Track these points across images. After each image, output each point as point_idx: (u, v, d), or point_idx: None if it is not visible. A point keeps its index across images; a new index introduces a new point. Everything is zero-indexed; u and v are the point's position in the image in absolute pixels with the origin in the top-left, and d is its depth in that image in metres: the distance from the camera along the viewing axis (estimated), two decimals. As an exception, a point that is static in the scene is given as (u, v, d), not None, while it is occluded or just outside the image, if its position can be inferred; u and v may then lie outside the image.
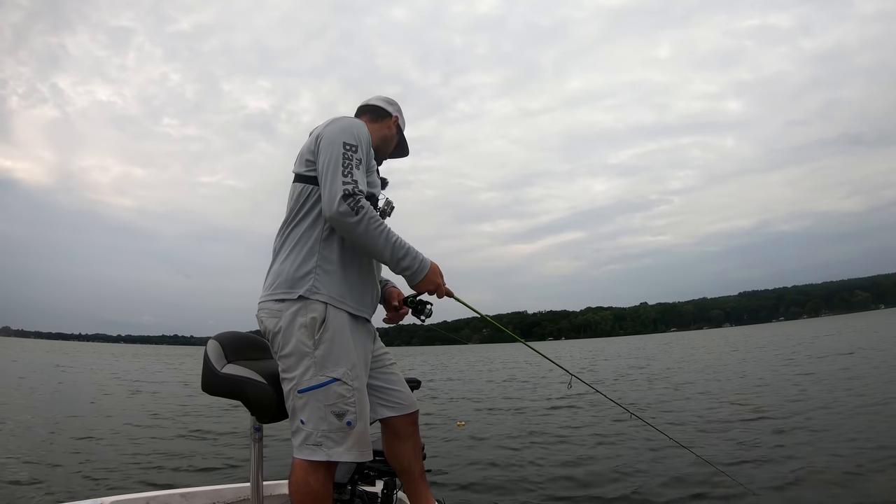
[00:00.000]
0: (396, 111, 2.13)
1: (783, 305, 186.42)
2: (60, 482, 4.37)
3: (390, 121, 2.11)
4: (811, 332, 35.83)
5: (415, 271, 1.76)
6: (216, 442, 6.26)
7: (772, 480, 3.97)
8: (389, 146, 2.14)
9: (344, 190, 1.63)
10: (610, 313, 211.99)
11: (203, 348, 1.88)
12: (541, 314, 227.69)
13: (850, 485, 3.76)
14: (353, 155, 1.71)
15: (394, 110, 2.12)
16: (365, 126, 1.87)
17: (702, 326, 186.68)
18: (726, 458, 4.59)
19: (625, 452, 5.16)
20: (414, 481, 1.95)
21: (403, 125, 2.18)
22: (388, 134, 2.10)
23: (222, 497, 2.35)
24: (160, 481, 4.39)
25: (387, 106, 2.12)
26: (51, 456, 5.30)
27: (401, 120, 2.15)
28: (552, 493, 4.12)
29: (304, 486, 1.66)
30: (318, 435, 1.66)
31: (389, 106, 2.12)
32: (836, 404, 6.91)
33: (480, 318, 2.19)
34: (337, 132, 1.76)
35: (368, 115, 2.10)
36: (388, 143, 2.12)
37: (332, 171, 1.68)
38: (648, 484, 4.12)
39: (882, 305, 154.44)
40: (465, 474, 4.65)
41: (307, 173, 1.80)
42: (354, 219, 1.63)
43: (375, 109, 2.11)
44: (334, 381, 1.68)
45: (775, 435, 5.44)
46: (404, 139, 2.20)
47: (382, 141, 2.09)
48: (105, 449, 5.73)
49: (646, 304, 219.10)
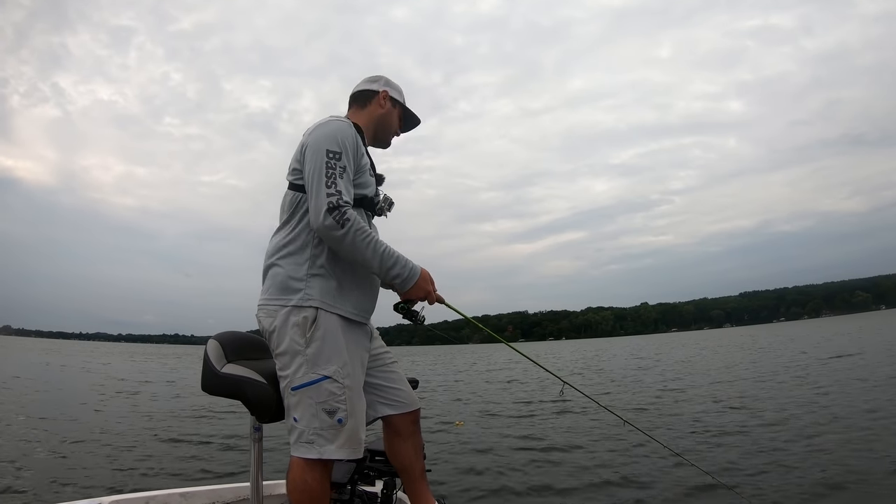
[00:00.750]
0: (383, 85, 2.03)
1: (784, 306, 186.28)
2: (60, 482, 4.38)
3: (378, 97, 2.01)
4: (820, 334, 35.04)
5: (405, 279, 1.76)
6: (215, 442, 6.26)
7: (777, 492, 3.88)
8: (390, 124, 2.05)
9: (328, 203, 1.63)
10: (611, 313, 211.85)
11: (203, 348, 1.88)
12: (541, 314, 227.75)
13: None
14: (336, 163, 1.70)
15: (379, 85, 2.02)
16: (350, 127, 1.81)
17: (702, 327, 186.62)
18: (724, 467, 4.57)
19: (620, 459, 5.10)
20: (414, 480, 1.95)
21: (401, 96, 2.07)
22: (381, 112, 2.01)
23: (222, 497, 2.35)
24: (160, 481, 4.39)
25: (370, 85, 2.03)
26: (50, 456, 5.30)
27: (393, 91, 2.03)
28: (553, 493, 4.12)
29: (302, 485, 1.67)
30: (310, 432, 1.67)
31: (373, 84, 2.03)
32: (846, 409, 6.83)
33: (478, 319, 2.18)
34: (321, 140, 1.74)
35: (356, 103, 2.03)
36: (386, 122, 2.03)
37: (317, 182, 1.67)
38: (648, 494, 4.09)
39: (883, 306, 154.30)
40: (464, 474, 4.65)
41: (296, 181, 1.79)
42: (340, 232, 1.64)
43: (360, 94, 2.02)
44: (325, 379, 1.68)
45: (786, 443, 5.27)
46: (408, 110, 2.10)
47: (379, 122, 2.02)
48: (105, 449, 5.73)
49: (646, 304, 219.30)
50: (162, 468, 4.96)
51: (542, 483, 4.36)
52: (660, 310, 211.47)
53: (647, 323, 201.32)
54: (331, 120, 1.84)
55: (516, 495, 4.12)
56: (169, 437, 6.49)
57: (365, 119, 1.99)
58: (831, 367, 12.28)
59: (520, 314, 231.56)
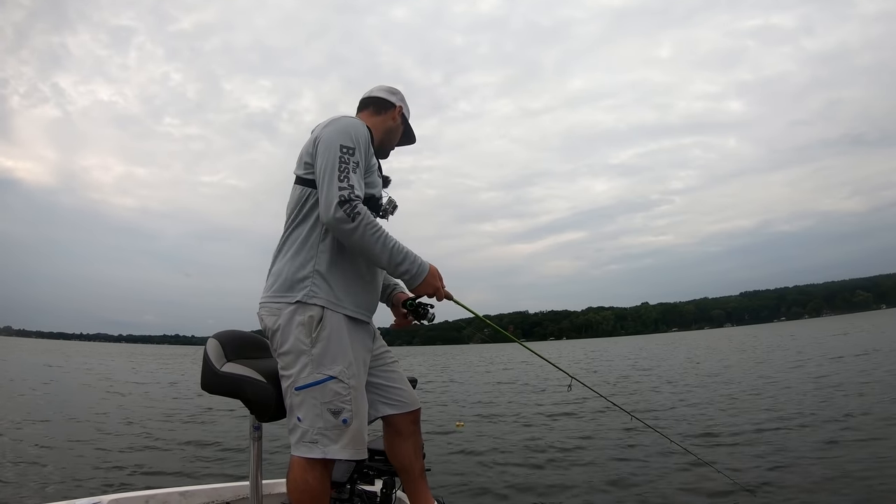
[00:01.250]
0: (400, 100, 2.07)
1: (784, 305, 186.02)
2: (60, 482, 4.38)
3: (394, 111, 2.05)
4: (828, 332, 34.62)
5: (413, 275, 1.76)
6: (215, 441, 6.26)
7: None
8: (395, 137, 2.10)
9: (340, 196, 1.63)
10: (611, 313, 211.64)
11: (203, 347, 1.88)
12: (542, 314, 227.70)
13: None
14: (349, 158, 1.70)
15: (397, 100, 2.06)
16: (363, 126, 1.83)
17: (703, 326, 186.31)
18: (735, 467, 4.56)
19: (625, 456, 5.12)
20: (414, 480, 1.95)
21: (408, 113, 2.12)
22: (392, 125, 2.06)
23: (221, 496, 2.34)
24: (159, 480, 4.39)
25: (389, 96, 2.06)
26: (50, 456, 5.30)
27: (405, 109, 2.09)
28: (554, 494, 4.12)
29: (302, 484, 1.67)
30: (314, 432, 1.67)
31: (392, 96, 2.06)
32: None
33: (482, 318, 2.17)
34: (334, 134, 1.74)
35: (371, 107, 2.05)
36: (393, 135, 2.08)
37: (329, 176, 1.67)
38: (652, 490, 4.07)
39: (883, 305, 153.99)
40: (464, 475, 4.65)
41: (306, 176, 1.80)
42: (351, 225, 1.63)
43: (378, 101, 2.05)
44: (331, 379, 1.68)
45: (797, 442, 5.22)
46: (409, 127, 2.15)
47: (387, 133, 2.06)
48: (104, 449, 5.74)
49: (647, 304, 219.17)
50: (161, 467, 4.96)
51: (543, 484, 4.35)
52: (660, 310, 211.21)
53: (647, 323, 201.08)
54: (344, 116, 1.86)
55: (517, 496, 4.11)
56: (168, 437, 6.49)
57: (376, 125, 2.01)
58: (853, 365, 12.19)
59: (520, 314, 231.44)
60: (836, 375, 10.25)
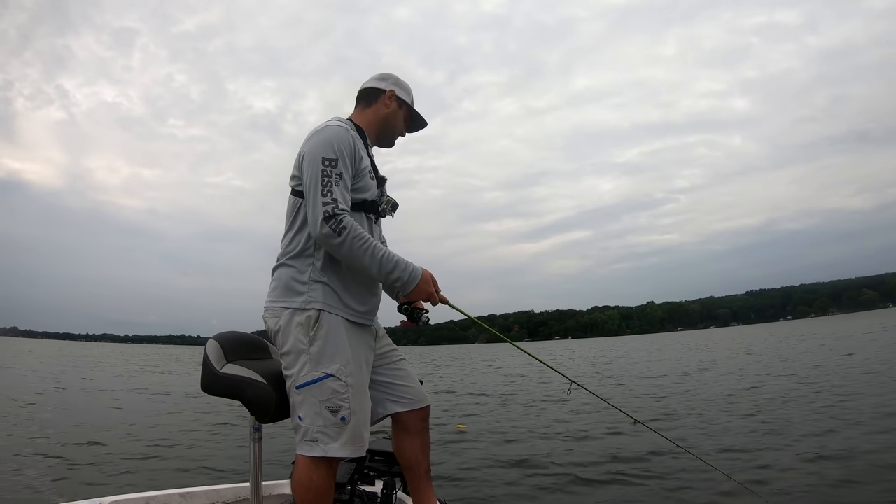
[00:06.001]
0: (391, 84, 2.00)
1: (791, 304, 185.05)
2: (61, 482, 4.40)
3: (385, 97, 1.98)
4: (843, 331, 34.09)
5: (406, 282, 1.78)
6: (215, 442, 6.28)
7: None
8: (395, 123, 2.03)
9: (324, 212, 1.66)
10: (617, 312, 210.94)
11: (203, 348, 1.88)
12: (547, 313, 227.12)
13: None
14: (332, 171, 1.71)
15: (387, 84, 2.00)
16: (346, 132, 1.80)
17: (709, 325, 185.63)
18: (739, 468, 4.53)
19: (627, 457, 5.08)
20: (419, 478, 1.97)
21: (409, 96, 2.04)
22: (386, 112, 1.99)
23: (222, 497, 2.35)
24: (160, 481, 4.39)
25: (378, 83, 2.00)
26: (51, 455, 5.32)
27: (400, 91, 2.01)
28: (555, 495, 4.10)
29: (307, 483, 1.70)
30: (315, 430, 1.70)
31: (382, 82, 2.00)
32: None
33: (483, 319, 2.16)
34: (316, 148, 1.75)
35: (362, 101, 2.01)
36: (391, 122, 2.01)
37: (314, 191, 1.70)
38: (658, 493, 4.03)
39: (890, 304, 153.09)
40: (464, 476, 4.63)
41: (296, 188, 1.82)
42: (338, 240, 1.67)
43: (367, 93, 2.00)
44: (328, 377, 1.71)
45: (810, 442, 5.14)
46: (415, 111, 2.06)
47: (383, 122, 2.00)
48: (105, 449, 5.75)
49: (652, 303, 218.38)
50: (162, 468, 4.97)
51: (544, 484, 4.34)
52: (666, 309, 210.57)
53: (653, 322, 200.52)
54: (328, 125, 1.83)
55: (517, 496, 4.09)
56: (168, 437, 6.49)
57: (368, 118, 1.99)
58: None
59: (526, 313, 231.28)
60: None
